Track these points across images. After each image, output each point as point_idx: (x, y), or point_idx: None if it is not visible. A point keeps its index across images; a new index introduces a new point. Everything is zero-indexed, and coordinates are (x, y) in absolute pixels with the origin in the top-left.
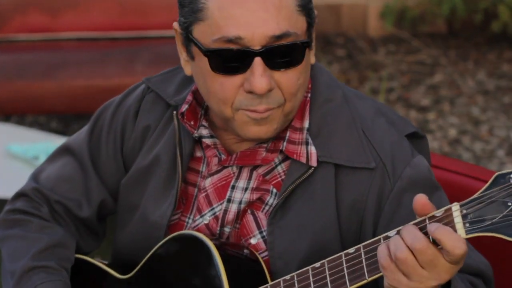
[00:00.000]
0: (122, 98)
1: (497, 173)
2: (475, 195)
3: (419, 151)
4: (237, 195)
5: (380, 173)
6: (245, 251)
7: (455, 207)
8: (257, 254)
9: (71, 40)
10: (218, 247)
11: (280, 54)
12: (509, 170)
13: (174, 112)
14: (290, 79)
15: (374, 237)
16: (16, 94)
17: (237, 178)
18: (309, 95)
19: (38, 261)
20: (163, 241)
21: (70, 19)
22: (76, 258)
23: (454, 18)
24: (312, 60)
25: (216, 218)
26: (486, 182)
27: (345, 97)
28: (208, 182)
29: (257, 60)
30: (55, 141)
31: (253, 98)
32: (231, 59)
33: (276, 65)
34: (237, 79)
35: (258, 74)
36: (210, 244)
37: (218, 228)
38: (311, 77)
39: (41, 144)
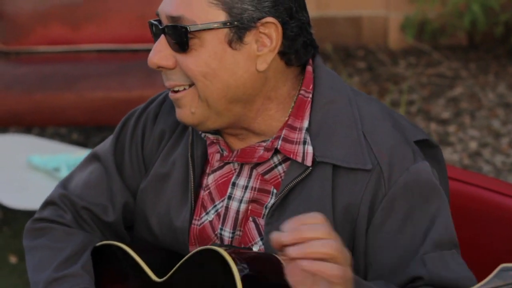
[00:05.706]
0: (147, 105)
1: (501, 266)
2: (476, 286)
3: (431, 160)
4: (238, 193)
5: (376, 177)
6: None
7: None
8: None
9: (91, 52)
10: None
11: (171, 35)
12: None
13: None
14: (189, 63)
15: (366, 247)
16: (37, 105)
17: (238, 175)
18: (310, 95)
19: (61, 271)
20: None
21: (91, 31)
22: (111, 244)
23: (474, 30)
24: (260, 67)
25: (218, 215)
26: (507, 196)
27: (350, 100)
28: (210, 179)
29: (161, 37)
30: (76, 153)
31: (163, 74)
32: (153, 31)
33: (172, 45)
34: None
35: (154, 48)
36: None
37: (220, 226)
38: (313, 78)
39: (62, 156)
